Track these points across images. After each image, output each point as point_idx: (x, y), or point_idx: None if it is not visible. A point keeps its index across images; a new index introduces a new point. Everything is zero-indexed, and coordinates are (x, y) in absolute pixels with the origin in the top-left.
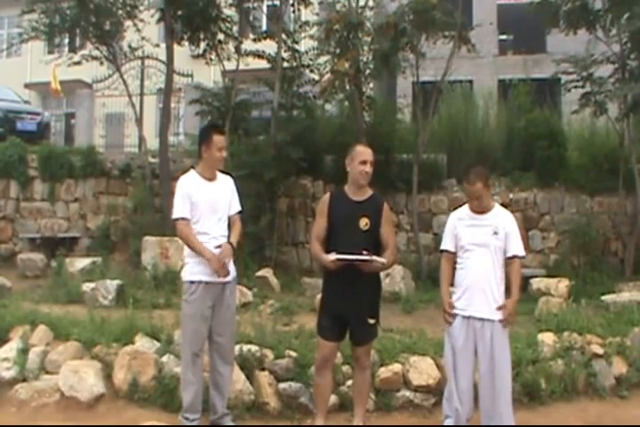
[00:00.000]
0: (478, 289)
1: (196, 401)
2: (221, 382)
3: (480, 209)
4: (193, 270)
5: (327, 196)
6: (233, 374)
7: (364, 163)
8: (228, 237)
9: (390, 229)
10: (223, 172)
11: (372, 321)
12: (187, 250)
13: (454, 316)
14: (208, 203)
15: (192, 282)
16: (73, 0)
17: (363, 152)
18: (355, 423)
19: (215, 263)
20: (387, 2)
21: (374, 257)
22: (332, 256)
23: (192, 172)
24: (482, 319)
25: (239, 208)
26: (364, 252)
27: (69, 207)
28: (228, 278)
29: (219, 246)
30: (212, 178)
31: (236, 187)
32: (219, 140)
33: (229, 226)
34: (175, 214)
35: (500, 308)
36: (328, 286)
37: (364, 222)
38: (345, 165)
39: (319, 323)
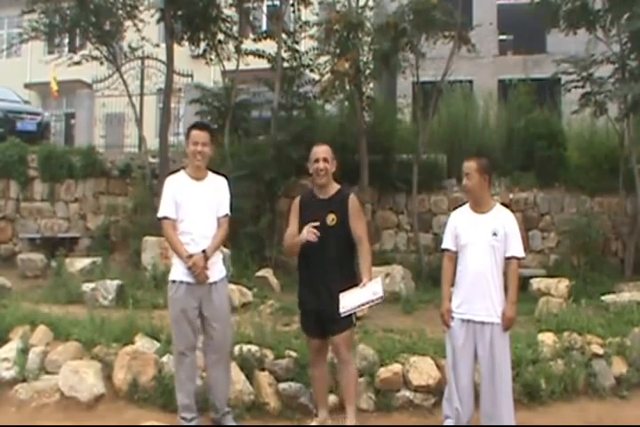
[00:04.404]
0: (477, 291)
1: (190, 400)
2: (217, 380)
3: (472, 198)
4: (176, 270)
5: (297, 199)
6: (233, 374)
7: (316, 161)
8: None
9: (358, 222)
10: (218, 173)
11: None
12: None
13: (451, 320)
14: (192, 202)
15: (173, 281)
16: (73, 0)
17: (315, 151)
18: (347, 423)
19: (189, 267)
20: (387, 2)
21: (371, 287)
22: (341, 310)
23: (181, 172)
24: (481, 322)
25: (227, 211)
26: (360, 285)
27: (69, 207)
28: (214, 279)
29: (204, 251)
30: (200, 178)
31: (232, 188)
32: (194, 134)
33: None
34: (159, 214)
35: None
36: (300, 282)
37: (330, 218)
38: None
39: (301, 322)
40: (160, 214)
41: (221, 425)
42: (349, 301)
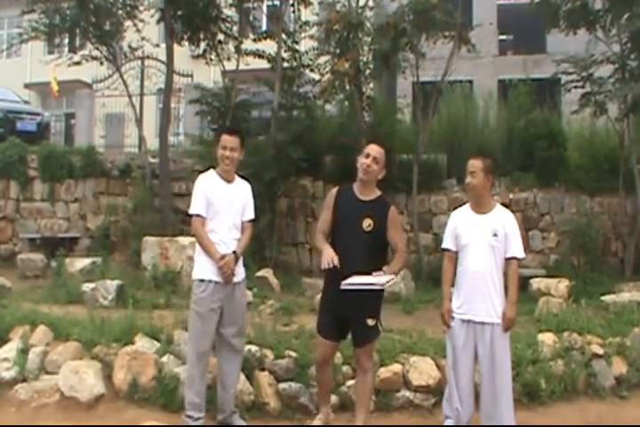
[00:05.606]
0: (477, 291)
1: (201, 400)
2: (230, 377)
3: (474, 197)
4: (203, 269)
5: (335, 190)
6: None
7: (366, 156)
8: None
9: (397, 233)
10: (241, 176)
11: (371, 322)
12: (198, 248)
13: (451, 321)
14: (222, 203)
15: (202, 280)
16: (73, 0)
17: (369, 147)
18: (356, 423)
19: (221, 267)
20: (387, 2)
21: (381, 277)
22: (343, 284)
23: (211, 171)
24: (482, 323)
25: (252, 216)
26: (374, 273)
27: (69, 207)
28: (238, 279)
29: (234, 252)
30: (229, 180)
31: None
32: (224, 139)
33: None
34: (191, 210)
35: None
36: (327, 285)
37: (367, 223)
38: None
39: (318, 321)
40: (192, 211)
41: (231, 425)
42: (354, 279)
